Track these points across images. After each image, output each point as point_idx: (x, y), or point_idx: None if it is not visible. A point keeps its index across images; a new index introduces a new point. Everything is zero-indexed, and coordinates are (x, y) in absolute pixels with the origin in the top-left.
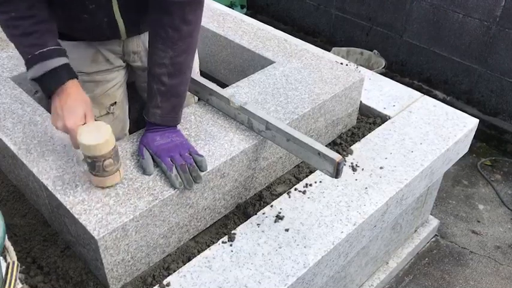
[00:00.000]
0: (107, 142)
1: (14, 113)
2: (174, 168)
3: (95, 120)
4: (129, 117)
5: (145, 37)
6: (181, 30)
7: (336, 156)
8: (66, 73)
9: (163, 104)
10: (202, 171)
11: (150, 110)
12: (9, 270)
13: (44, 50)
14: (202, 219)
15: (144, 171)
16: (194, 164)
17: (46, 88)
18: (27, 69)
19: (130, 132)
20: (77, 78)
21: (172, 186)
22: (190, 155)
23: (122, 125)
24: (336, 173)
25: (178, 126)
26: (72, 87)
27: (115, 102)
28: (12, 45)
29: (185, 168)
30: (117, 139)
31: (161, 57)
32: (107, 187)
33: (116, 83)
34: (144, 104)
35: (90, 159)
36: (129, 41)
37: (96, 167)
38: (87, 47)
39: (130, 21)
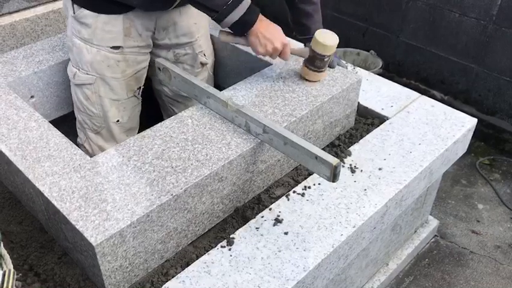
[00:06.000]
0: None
1: (9, 118)
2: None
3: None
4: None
5: (174, 12)
6: None
7: (333, 160)
8: (256, 7)
9: (319, 17)
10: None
11: (313, 27)
12: (6, 278)
13: None
14: (201, 223)
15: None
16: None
17: (247, 23)
18: (225, 17)
19: None
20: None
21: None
22: None
23: (138, 115)
24: (333, 177)
25: (177, 131)
26: (263, 17)
27: (140, 87)
28: (7, 50)
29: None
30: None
31: None
32: (317, 81)
33: (143, 66)
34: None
35: (326, 58)
36: (162, 16)
37: (324, 63)
38: (123, 20)
39: None
